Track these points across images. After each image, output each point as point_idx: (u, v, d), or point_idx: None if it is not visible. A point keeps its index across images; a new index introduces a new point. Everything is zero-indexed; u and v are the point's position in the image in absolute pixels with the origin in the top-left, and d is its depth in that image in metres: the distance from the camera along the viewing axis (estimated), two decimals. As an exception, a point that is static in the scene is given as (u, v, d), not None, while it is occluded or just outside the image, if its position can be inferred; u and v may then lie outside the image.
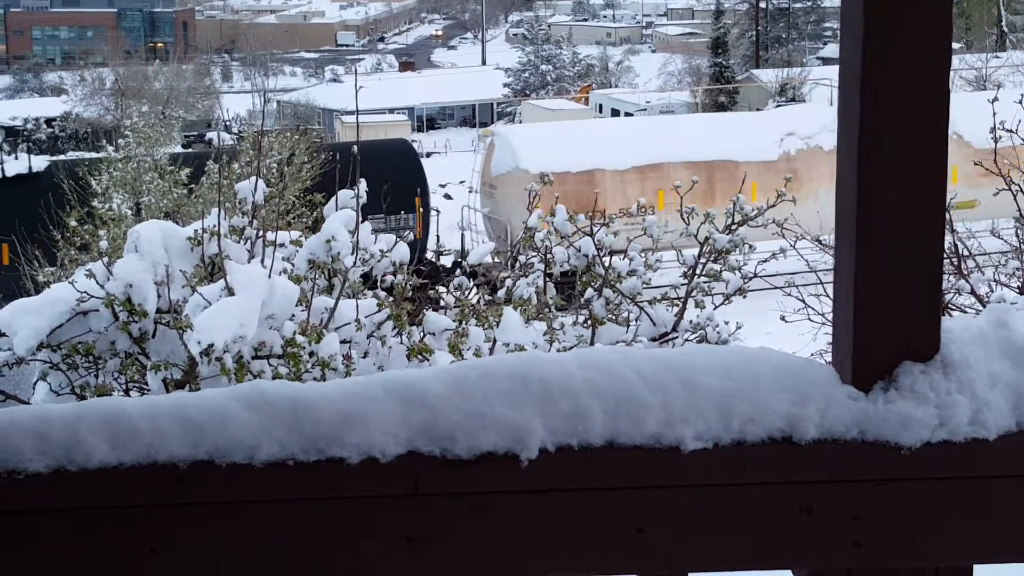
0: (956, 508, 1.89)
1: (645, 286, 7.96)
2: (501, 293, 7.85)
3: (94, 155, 28.75)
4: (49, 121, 59.54)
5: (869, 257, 1.87)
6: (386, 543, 1.87)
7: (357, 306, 6.00)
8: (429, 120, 71.39)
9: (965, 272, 10.24)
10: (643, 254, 8.13)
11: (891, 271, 1.87)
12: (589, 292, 7.78)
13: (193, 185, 20.36)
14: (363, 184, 6.65)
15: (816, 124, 31.98)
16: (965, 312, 9.85)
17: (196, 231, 5.88)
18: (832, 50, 77.79)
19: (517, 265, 8.20)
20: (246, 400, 1.87)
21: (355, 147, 6.78)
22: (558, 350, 6.84)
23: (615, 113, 62.14)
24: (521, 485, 1.86)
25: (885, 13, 1.81)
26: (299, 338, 5.50)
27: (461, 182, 35.79)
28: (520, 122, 62.08)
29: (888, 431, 1.87)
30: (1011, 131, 9.59)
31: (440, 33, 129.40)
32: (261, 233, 6.26)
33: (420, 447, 1.85)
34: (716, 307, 8.17)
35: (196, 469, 1.83)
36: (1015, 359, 1.93)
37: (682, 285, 8.28)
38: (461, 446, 1.85)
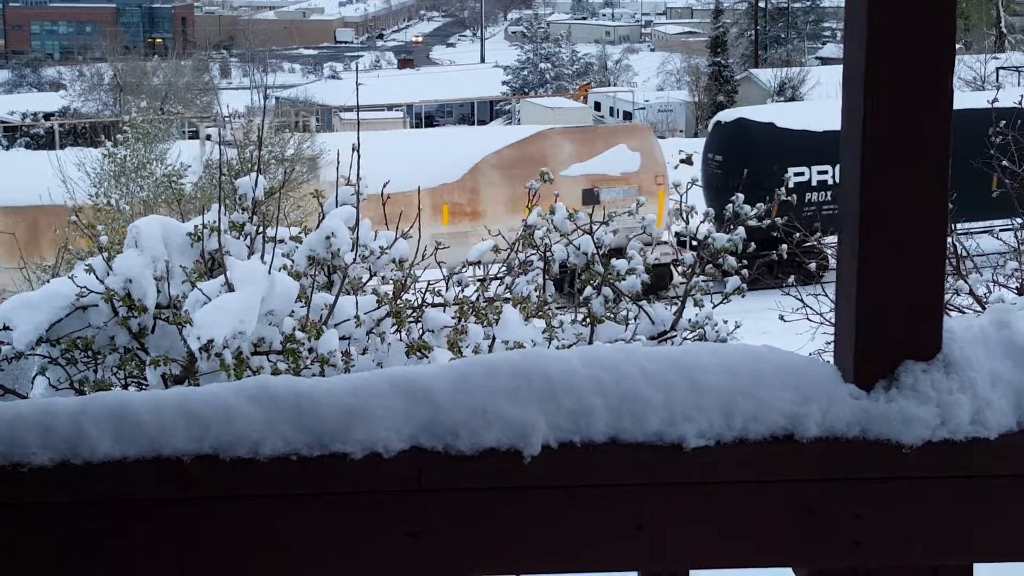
0: (957, 507, 1.90)
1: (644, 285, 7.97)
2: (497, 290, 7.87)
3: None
4: (47, 116, 59.49)
5: (872, 256, 1.88)
6: (389, 538, 1.88)
7: (357, 302, 6.00)
8: (427, 117, 71.32)
9: (964, 273, 10.25)
10: (642, 253, 8.13)
11: (894, 270, 1.88)
12: (588, 290, 7.78)
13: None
14: (363, 181, 6.65)
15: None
16: (964, 313, 9.86)
17: (196, 227, 5.88)
18: (831, 50, 77.84)
19: (518, 264, 8.19)
20: (251, 395, 1.87)
21: (355, 143, 6.78)
22: (557, 348, 6.84)
23: (613, 112, 62.09)
24: (523, 481, 1.87)
25: (889, 14, 1.82)
26: (299, 334, 5.50)
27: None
28: (519, 121, 61.98)
29: (890, 430, 1.87)
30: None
31: (420, 40, 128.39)
32: (261, 229, 6.26)
33: (423, 443, 1.86)
34: (715, 306, 8.17)
35: (200, 463, 1.84)
36: (1017, 359, 1.94)
37: (681, 284, 8.28)
38: (464, 442, 1.85)
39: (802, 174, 28.72)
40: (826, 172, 28.73)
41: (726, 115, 32.05)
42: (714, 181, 28.91)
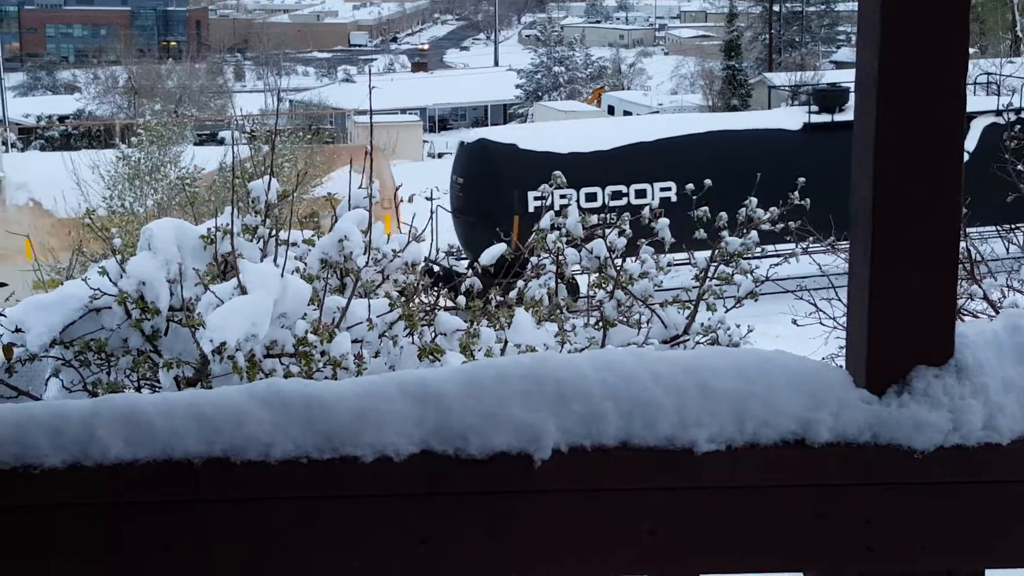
0: (968, 512, 1.90)
1: (657, 288, 7.96)
2: (512, 294, 7.86)
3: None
4: (62, 119, 59.69)
5: (884, 261, 1.87)
6: (399, 542, 1.88)
7: (369, 306, 6.01)
8: (441, 121, 71.40)
9: (978, 277, 10.23)
10: (655, 256, 8.13)
11: (906, 275, 1.87)
12: (600, 294, 7.78)
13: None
14: (376, 184, 6.66)
15: None
16: (977, 317, 9.83)
17: (209, 229, 5.89)
18: (845, 54, 77.69)
19: (529, 267, 8.20)
20: (262, 398, 1.87)
21: (368, 146, 6.79)
22: (569, 351, 6.84)
23: (627, 115, 62.03)
24: (534, 485, 1.87)
25: (902, 18, 1.82)
26: (311, 337, 5.50)
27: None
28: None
29: (901, 435, 1.87)
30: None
31: (427, 46, 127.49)
32: (274, 232, 6.27)
33: (434, 447, 1.86)
34: (728, 310, 8.15)
35: (211, 466, 1.84)
36: None
37: (693, 288, 8.27)
38: (475, 446, 1.85)
39: (543, 198, 27.20)
40: (568, 196, 27.05)
41: (469, 136, 30.23)
42: (458, 204, 27.72)
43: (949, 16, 1.82)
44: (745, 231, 8.54)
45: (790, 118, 30.57)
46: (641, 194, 27.43)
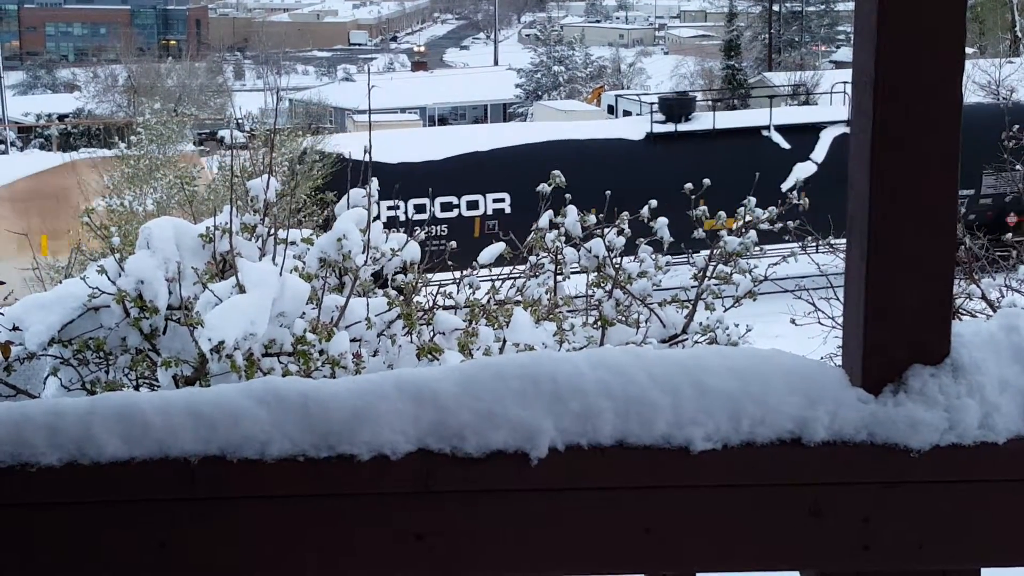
0: (965, 511, 1.90)
1: (655, 288, 7.97)
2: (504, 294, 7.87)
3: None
4: (62, 117, 59.68)
5: (880, 260, 1.88)
6: (396, 539, 1.88)
7: (368, 304, 6.01)
8: (441, 120, 71.28)
9: (976, 276, 10.22)
10: (654, 256, 8.13)
11: (902, 274, 1.87)
12: (599, 293, 7.78)
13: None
14: (375, 183, 6.66)
15: None
16: (975, 317, 9.83)
17: (208, 228, 5.89)
18: (845, 54, 77.63)
19: (528, 265, 8.20)
20: (258, 397, 1.88)
21: (366, 145, 6.79)
22: (568, 351, 6.84)
23: (627, 115, 62.01)
24: (530, 483, 1.87)
25: (898, 18, 1.82)
26: (309, 336, 5.50)
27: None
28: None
29: (897, 434, 1.87)
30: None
31: (423, 48, 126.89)
32: (272, 231, 6.27)
33: (431, 445, 1.86)
34: (726, 310, 8.16)
35: (207, 464, 1.84)
36: None
37: (692, 287, 8.27)
38: (471, 444, 1.85)
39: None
40: (397, 208, 24.88)
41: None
42: None
43: (945, 17, 1.82)
44: (745, 231, 8.54)
45: (633, 127, 29.92)
46: (473, 205, 26.62)
